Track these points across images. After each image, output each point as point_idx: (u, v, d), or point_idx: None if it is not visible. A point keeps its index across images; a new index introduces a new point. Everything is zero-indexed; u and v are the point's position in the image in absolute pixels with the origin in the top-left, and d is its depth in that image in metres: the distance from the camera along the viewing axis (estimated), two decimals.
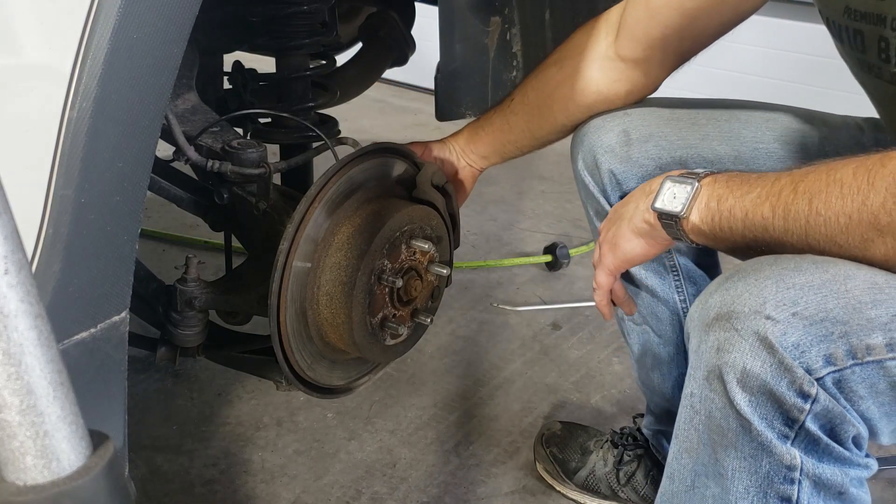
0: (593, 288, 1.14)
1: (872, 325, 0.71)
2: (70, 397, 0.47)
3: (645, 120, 1.23)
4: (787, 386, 0.71)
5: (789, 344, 0.71)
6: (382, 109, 3.78)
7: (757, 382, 0.72)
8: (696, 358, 0.79)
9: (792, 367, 0.71)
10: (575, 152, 1.30)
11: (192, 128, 1.33)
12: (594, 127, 1.25)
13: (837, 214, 0.76)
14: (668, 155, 1.20)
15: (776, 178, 0.83)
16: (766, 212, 0.82)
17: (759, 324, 0.72)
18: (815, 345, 0.71)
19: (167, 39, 0.78)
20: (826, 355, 0.71)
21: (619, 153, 1.22)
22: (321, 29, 1.53)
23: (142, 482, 1.48)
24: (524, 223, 2.68)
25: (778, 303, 0.72)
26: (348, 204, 1.30)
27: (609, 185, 1.24)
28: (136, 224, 0.81)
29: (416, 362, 1.88)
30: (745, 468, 0.76)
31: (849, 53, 1.06)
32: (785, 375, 0.71)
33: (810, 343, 0.71)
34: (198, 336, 1.35)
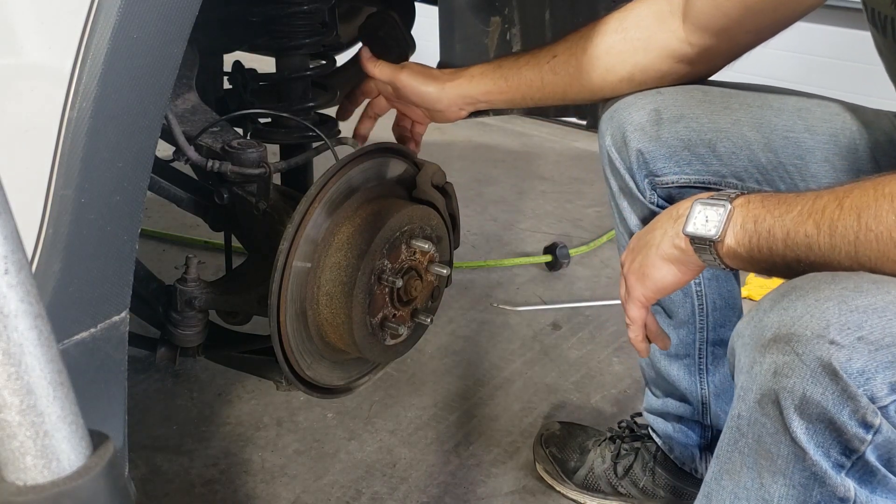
0: (626, 324, 1.10)
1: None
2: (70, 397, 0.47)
3: (677, 100, 1.21)
4: (849, 415, 0.68)
5: (854, 371, 0.67)
6: None
7: (817, 410, 0.69)
8: (749, 379, 0.75)
9: (856, 395, 0.67)
10: (603, 128, 1.27)
11: (192, 128, 1.33)
12: (626, 104, 1.23)
13: (890, 229, 0.73)
14: (698, 137, 1.18)
15: (817, 196, 0.80)
16: (811, 229, 0.79)
17: (822, 349, 0.68)
18: (880, 371, 0.67)
19: (167, 39, 0.78)
20: (892, 382, 0.67)
21: (648, 132, 1.20)
22: (321, 29, 1.52)
23: (142, 482, 1.48)
24: (524, 223, 2.68)
25: (842, 326, 0.68)
26: (348, 204, 1.30)
27: (636, 164, 1.22)
28: (136, 224, 0.81)
29: (416, 362, 1.88)
30: (793, 496, 0.73)
31: (890, 47, 1.04)
32: (848, 404, 0.68)
33: (876, 370, 0.67)
34: (198, 336, 1.35)
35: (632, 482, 1.46)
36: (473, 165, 3.15)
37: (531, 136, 3.55)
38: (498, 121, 3.58)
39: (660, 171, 1.21)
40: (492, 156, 3.29)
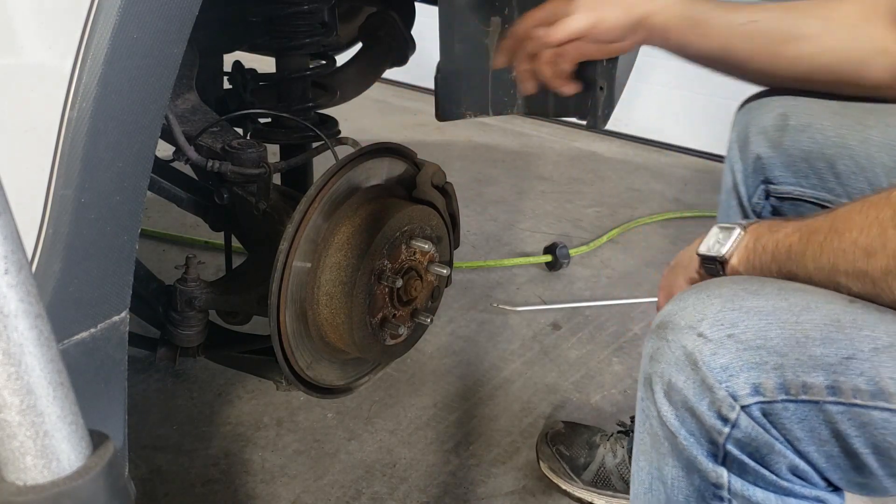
0: None
1: (815, 363, 0.67)
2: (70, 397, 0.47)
3: (809, 107, 1.13)
4: (707, 406, 0.70)
5: (717, 365, 0.69)
6: (382, 109, 3.78)
7: (680, 397, 0.72)
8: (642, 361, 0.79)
9: (714, 388, 0.69)
10: (734, 122, 1.23)
11: (192, 128, 1.34)
12: (759, 103, 1.18)
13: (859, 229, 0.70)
14: (819, 150, 1.11)
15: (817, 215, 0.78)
16: (793, 239, 0.78)
17: (689, 339, 0.71)
18: (744, 371, 0.68)
19: (167, 39, 0.78)
20: (755, 384, 0.68)
21: (771, 136, 1.14)
22: (321, 29, 1.53)
23: (142, 482, 1.48)
24: (524, 223, 2.68)
25: (715, 322, 0.71)
26: (348, 204, 1.30)
27: (752, 168, 1.18)
28: (136, 224, 0.81)
29: (416, 362, 1.88)
30: (681, 478, 0.75)
31: None
32: (706, 395, 0.70)
33: (740, 368, 0.69)
34: (198, 336, 1.35)
35: None
36: (473, 165, 3.15)
37: (531, 136, 3.55)
38: (498, 121, 3.58)
39: (776, 180, 1.16)
40: (492, 156, 3.29)
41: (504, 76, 1.61)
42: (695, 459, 0.73)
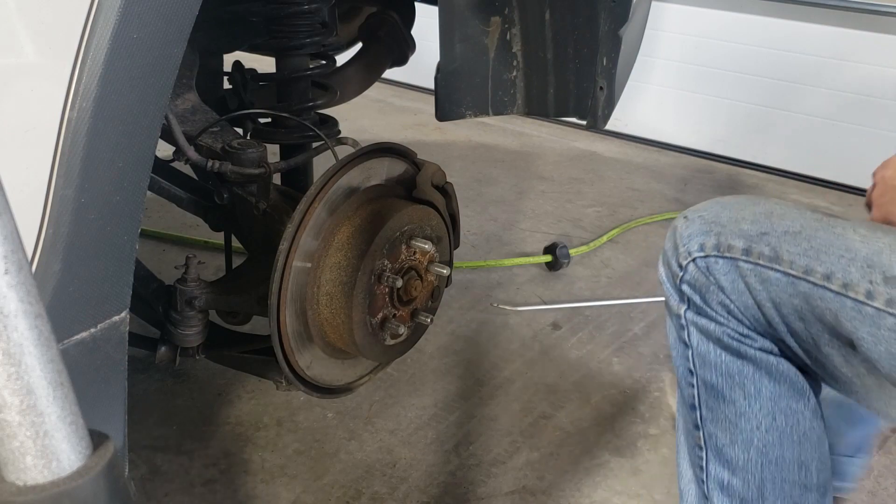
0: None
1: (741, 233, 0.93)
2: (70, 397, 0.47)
3: None
4: (674, 259, 0.99)
5: (685, 234, 0.98)
6: (382, 109, 3.78)
7: (665, 257, 1.02)
8: None
9: (679, 247, 0.98)
10: None
11: (192, 128, 1.34)
12: None
13: None
14: None
15: None
16: None
17: (679, 221, 1.00)
18: (698, 236, 0.96)
19: (167, 39, 0.78)
20: (701, 244, 0.95)
21: None
22: (321, 29, 1.53)
23: (142, 482, 1.48)
24: (524, 223, 2.68)
25: (696, 210, 0.99)
26: (348, 204, 1.30)
27: None
28: (136, 224, 0.81)
29: (416, 362, 1.88)
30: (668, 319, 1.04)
31: None
32: (675, 253, 0.99)
33: (696, 234, 0.96)
34: (198, 336, 1.35)
35: None
36: (473, 165, 3.15)
37: (531, 136, 3.55)
38: (498, 121, 3.58)
39: None
40: (492, 156, 3.29)
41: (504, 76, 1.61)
42: (668, 298, 1.02)
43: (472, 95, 1.59)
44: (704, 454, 0.99)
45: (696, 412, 0.99)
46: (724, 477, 0.97)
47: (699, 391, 0.98)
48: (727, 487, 0.97)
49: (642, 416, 1.74)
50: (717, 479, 0.98)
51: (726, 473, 0.97)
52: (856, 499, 1.50)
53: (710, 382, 0.97)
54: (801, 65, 3.14)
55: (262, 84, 1.62)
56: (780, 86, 3.20)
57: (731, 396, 0.95)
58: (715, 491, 0.98)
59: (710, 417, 0.98)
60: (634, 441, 1.67)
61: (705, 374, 0.97)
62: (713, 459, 0.98)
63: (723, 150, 3.38)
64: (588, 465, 1.59)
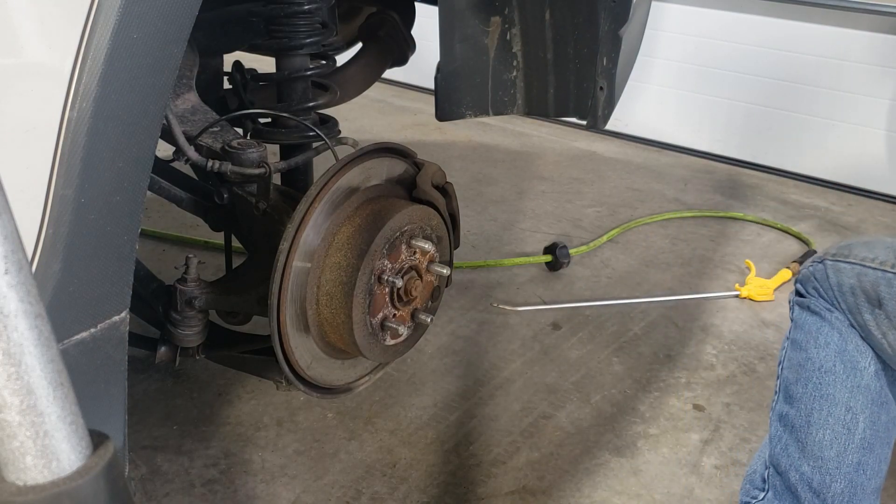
0: None
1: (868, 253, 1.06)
2: (70, 397, 0.47)
3: None
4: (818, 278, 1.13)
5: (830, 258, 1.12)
6: (382, 109, 3.78)
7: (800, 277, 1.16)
8: None
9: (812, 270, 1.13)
10: None
11: (192, 128, 1.34)
12: None
13: None
14: None
15: None
16: None
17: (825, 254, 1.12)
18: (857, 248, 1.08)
19: (167, 39, 0.78)
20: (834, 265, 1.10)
21: None
22: (321, 29, 1.53)
23: (142, 482, 1.48)
24: (524, 223, 2.68)
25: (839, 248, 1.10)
26: (348, 204, 1.30)
27: None
28: (136, 224, 0.81)
29: (416, 362, 1.88)
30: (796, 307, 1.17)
31: None
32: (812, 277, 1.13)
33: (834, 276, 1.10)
34: (198, 336, 1.35)
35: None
36: (473, 165, 3.15)
37: (531, 136, 3.55)
38: (498, 121, 3.58)
39: None
40: (492, 156, 3.29)
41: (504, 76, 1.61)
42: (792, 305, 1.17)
43: (472, 95, 1.59)
44: (777, 395, 1.16)
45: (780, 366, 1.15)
46: (783, 409, 1.13)
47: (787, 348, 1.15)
48: (784, 417, 1.12)
49: (642, 416, 1.74)
50: (779, 411, 1.14)
51: (786, 406, 1.12)
52: None
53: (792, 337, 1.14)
54: (801, 65, 3.14)
55: (262, 84, 1.62)
56: (780, 86, 3.20)
57: (804, 344, 1.11)
58: (775, 421, 1.14)
59: (787, 364, 1.14)
60: (634, 441, 1.67)
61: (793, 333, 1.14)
62: (780, 394, 1.15)
63: (723, 150, 3.38)
64: (588, 465, 1.59)
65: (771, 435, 1.16)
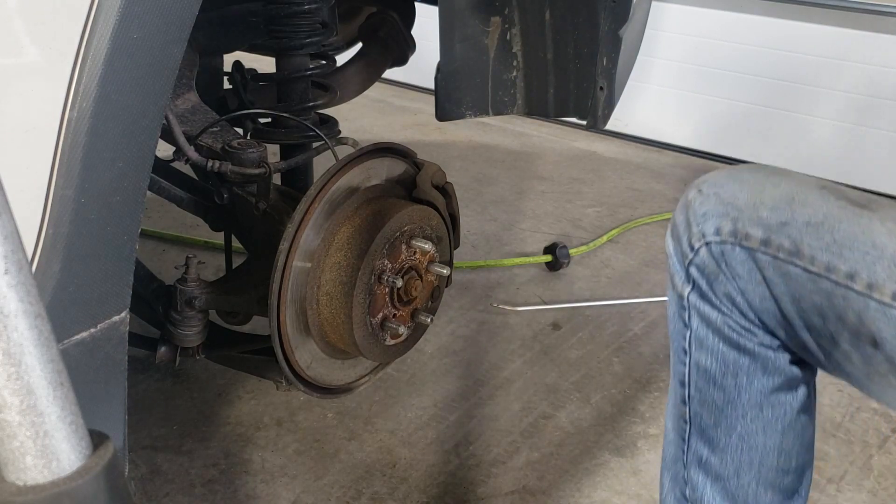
0: None
1: (760, 222, 0.87)
2: (70, 397, 0.47)
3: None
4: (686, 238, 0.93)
5: (700, 212, 0.92)
6: (382, 109, 3.78)
7: (675, 231, 0.95)
8: None
9: (692, 225, 0.92)
10: None
11: (192, 128, 1.34)
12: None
13: None
14: None
15: None
16: None
17: (692, 193, 0.95)
18: (713, 217, 0.90)
19: (167, 39, 0.78)
20: (717, 227, 0.90)
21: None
22: (321, 29, 1.53)
23: (142, 482, 1.48)
24: (524, 223, 2.68)
25: (712, 183, 0.94)
26: (348, 204, 1.30)
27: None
28: (136, 224, 0.81)
29: (416, 362, 1.88)
30: (671, 294, 0.98)
31: None
32: (687, 230, 0.93)
33: (711, 215, 0.90)
34: (198, 336, 1.35)
35: None
36: (473, 165, 3.15)
37: (531, 136, 3.55)
38: (498, 121, 3.58)
39: None
40: (492, 156, 3.29)
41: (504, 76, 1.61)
42: (674, 276, 0.96)
43: (472, 95, 1.59)
44: (688, 428, 1.02)
45: (686, 389, 0.99)
46: (703, 453, 1.00)
47: (691, 370, 0.98)
48: (704, 464, 1.00)
49: (642, 416, 1.74)
50: (697, 453, 1.01)
51: (706, 451, 0.99)
52: (856, 499, 1.50)
53: (703, 366, 0.96)
54: (801, 65, 3.14)
55: (262, 84, 1.62)
56: (780, 86, 3.20)
57: (721, 383, 0.95)
58: (693, 464, 1.02)
59: (697, 397, 0.99)
60: (634, 441, 1.67)
61: (700, 357, 0.96)
62: (695, 435, 1.01)
63: (723, 150, 3.38)
64: (588, 465, 1.59)
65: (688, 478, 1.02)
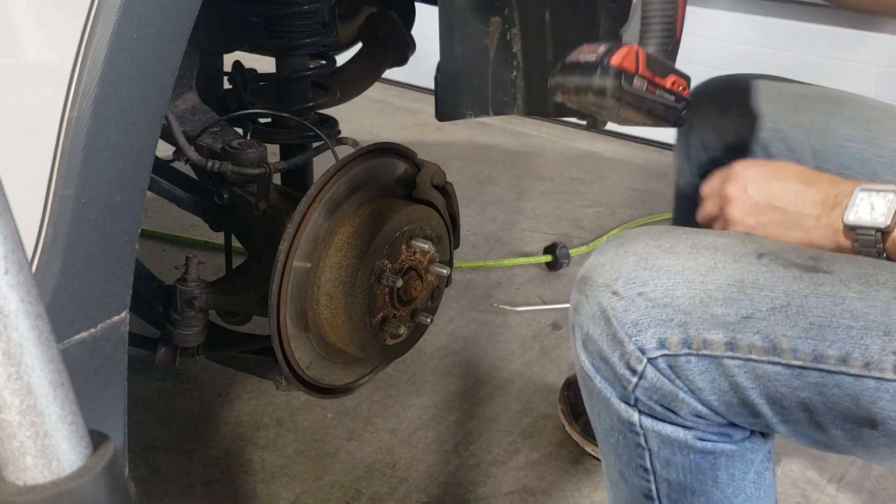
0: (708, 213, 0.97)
1: (716, 321, 0.72)
2: (70, 397, 0.47)
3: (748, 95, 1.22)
4: (618, 357, 0.76)
5: (628, 321, 0.74)
6: (382, 109, 3.78)
7: (595, 347, 0.78)
8: None
9: (624, 341, 0.75)
10: None
11: (192, 128, 1.33)
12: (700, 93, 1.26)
13: None
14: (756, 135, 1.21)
15: None
16: None
17: (604, 296, 0.76)
18: (651, 327, 0.73)
19: (167, 39, 0.78)
20: (661, 339, 0.73)
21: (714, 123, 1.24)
22: (321, 29, 1.53)
23: (142, 482, 1.48)
24: (524, 223, 2.68)
25: (629, 280, 0.75)
26: (348, 204, 1.30)
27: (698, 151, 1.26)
28: (136, 224, 0.81)
29: (416, 362, 1.88)
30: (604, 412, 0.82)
31: None
32: (617, 348, 0.75)
33: (647, 324, 0.73)
34: (198, 336, 1.35)
35: None
36: (473, 165, 3.15)
37: (531, 136, 3.55)
38: (498, 121, 3.58)
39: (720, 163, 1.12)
40: (492, 156, 3.28)
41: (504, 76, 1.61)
42: (609, 401, 0.79)
43: (472, 95, 1.58)
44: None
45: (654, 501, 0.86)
46: None
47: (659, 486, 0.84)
48: None
49: None
50: None
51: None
52: (856, 499, 1.50)
53: (675, 480, 0.82)
54: (801, 65, 3.14)
55: (262, 84, 1.61)
56: None
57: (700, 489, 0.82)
58: None
59: None
60: None
61: (669, 473, 0.82)
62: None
63: None
64: (588, 465, 1.59)
65: None
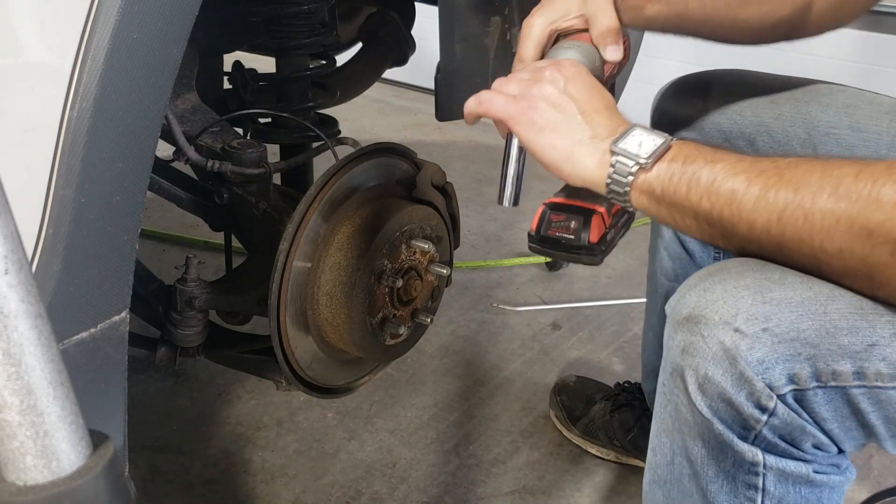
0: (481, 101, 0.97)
1: (843, 351, 0.71)
2: (70, 397, 0.47)
3: (725, 90, 1.23)
4: (745, 397, 0.73)
5: (754, 359, 0.71)
6: (382, 109, 3.78)
7: (716, 389, 0.74)
8: (665, 351, 0.80)
9: (752, 380, 0.72)
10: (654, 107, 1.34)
11: (192, 128, 1.33)
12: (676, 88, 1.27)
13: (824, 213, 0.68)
14: (738, 130, 1.20)
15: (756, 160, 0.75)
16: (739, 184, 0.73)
17: (726, 335, 0.72)
18: (780, 363, 0.71)
19: (167, 39, 0.78)
20: (790, 374, 0.71)
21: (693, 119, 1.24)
22: (321, 29, 1.53)
23: (142, 482, 1.48)
24: (524, 223, 2.68)
25: (750, 316, 0.72)
26: (348, 204, 1.30)
27: None
28: (136, 224, 0.81)
29: (416, 362, 1.88)
30: (711, 458, 0.78)
31: None
32: (744, 387, 0.72)
33: (775, 360, 0.71)
34: (198, 336, 1.35)
35: (625, 435, 1.57)
36: (473, 165, 3.15)
37: None
38: None
39: None
40: (492, 156, 3.28)
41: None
42: (730, 443, 0.76)
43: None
44: None
45: None
46: None
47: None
48: None
49: None
50: None
51: None
52: (856, 499, 1.50)
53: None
54: (802, 65, 3.14)
55: (262, 84, 1.61)
56: None
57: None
58: None
59: None
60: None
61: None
62: None
63: None
64: (588, 464, 1.59)
65: None
